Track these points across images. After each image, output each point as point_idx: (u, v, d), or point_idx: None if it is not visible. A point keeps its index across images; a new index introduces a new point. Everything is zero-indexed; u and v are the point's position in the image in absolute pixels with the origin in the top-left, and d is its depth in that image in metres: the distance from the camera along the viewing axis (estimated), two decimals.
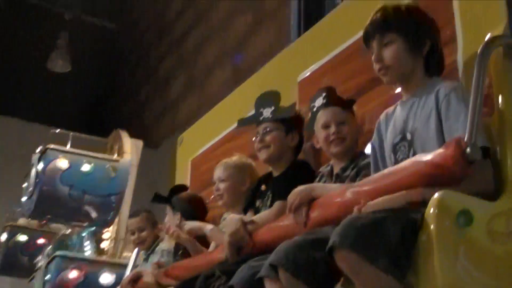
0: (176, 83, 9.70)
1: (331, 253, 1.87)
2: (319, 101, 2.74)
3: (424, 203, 1.85)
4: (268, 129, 2.96)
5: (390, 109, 2.37)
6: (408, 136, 2.19)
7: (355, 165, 2.55)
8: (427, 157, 1.94)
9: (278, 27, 7.15)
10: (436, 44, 2.24)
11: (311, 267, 2.03)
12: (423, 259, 1.81)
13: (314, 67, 3.29)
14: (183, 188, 3.81)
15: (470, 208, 1.85)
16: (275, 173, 2.99)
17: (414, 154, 2.13)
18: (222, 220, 3.32)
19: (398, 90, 2.42)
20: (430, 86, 2.18)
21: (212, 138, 4.10)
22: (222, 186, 3.26)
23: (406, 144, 2.19)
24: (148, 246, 4.13)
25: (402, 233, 1.82)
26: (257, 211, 2.95)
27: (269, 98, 3.04)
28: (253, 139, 3.04)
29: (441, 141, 2.04)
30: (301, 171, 2.85)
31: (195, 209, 3.62)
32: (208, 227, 3.17)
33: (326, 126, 2.65)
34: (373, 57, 2.29)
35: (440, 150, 1.92)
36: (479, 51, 2.02)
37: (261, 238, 2.64)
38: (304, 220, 2.33)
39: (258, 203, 2.98)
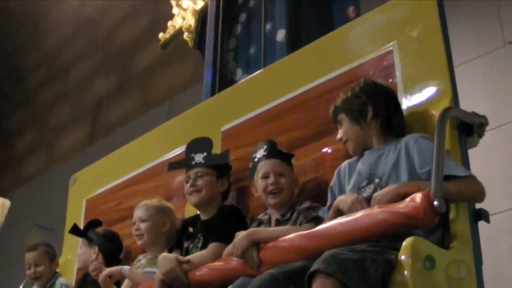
0: (24, 137, 9.46)
1: (310, 280, 2.00)
2: (260, 153, 2.91)
3: None
4: (199, 174, 3.06)
5: (351, 160, 2.59)
6: (376, 180, 2.41)
7: (293, 211, 2.72)
8: (394, 207, 2.16)
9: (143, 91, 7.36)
10: (380, 105, 2.51)
11: None
12: None
13: (238, 120, 3.44)
14: (98, 222, 3.73)
15: (433, 254, 2.10)
16: (204, 217, 3.08)
17: None
18: (136, 261, 3.31)
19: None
20: (395, 141, 2.45)
21: (111, 181, 4.08)
22: (143, 226, 3.28)
23: (372, 187, 2.41)
24: (45, 281, 3.95)
25: (382, 271, 2.01)
26: (186, 252, 2.99)
27: (201, 144, 3.15)
28: (184, 183, 3.12)
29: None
30: (233, 215, 2.98)
31: (112, 244, 3.61)
32: (125, 267, 3.16)
33: (265, 177, 2.82)
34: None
35: (409, 202, 2.15)
36: (436, 121, 2.31)
37: (199, 278, 2.70)
38: (257, 263, 2.44)
39: (186, 244, 3.04)
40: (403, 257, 2.04)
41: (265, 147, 2.90)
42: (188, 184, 3.08)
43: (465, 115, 2.48)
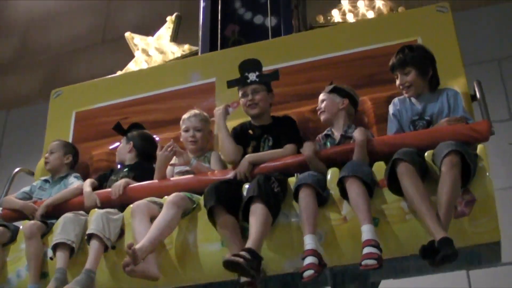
0: None
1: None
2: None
3: None
4: (256, 90, 3.81)
5: (401, 98, 3.64)
6: (427, 118, 3.50)
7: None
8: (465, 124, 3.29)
9: None
10: (435, 68, 3.65)
11: None
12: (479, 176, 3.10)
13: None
14: (139, 125, 4.23)
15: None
16: (260, 123, 3.84)
17: None
18: (192, 161, 3.82)
19: None
20: (437, 92, 3.59)
21: (116, 98, 4.59)
22: (198, 134, 3.95)
23: (424, 123, 3.49)
24: (55, 171, 4.26)
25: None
26: (255, 149, 3.73)
27: (253, 64, 3.85)
28: (241, 96, 3.84)
29: None
30: (295, 124, 3.84)
31: (147, 143, 4.17)
32: (193, 159, 3.78)
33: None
34: (398, 81, 3.61)
35: (474, 124, 3.29)
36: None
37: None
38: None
39: (253, 143, 3.76)
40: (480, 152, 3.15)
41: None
42: (246, 99, 3.82)
43: None
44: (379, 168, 3.30)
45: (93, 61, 8.55)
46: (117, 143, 4.29)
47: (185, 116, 4.02)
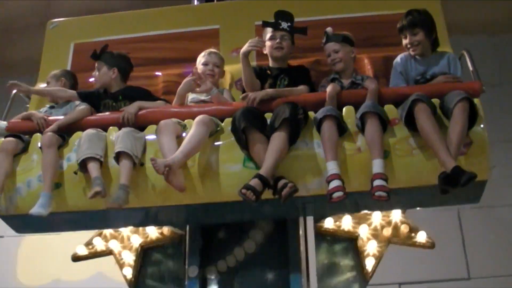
0: None
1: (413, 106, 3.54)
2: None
3: None
4: (285, 37, 4.20)
5: (403, 56, 4.10)
6: (428, 77, 3.98)
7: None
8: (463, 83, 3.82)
9: None
10: (436, 33, 4.16)
11: None
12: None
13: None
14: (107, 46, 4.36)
15: None
16: (279, 66, 4.20)
17: None
18: (214, 90, 4.07)
19: None
20: (439, 53, 4.09)
21: (119, 34, 4.76)
22: (216, 70, 4.25)
23: (424, 81, 3.97)
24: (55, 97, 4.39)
25: None
26: (271, 86, 4.08)
27: (287, 15, 4.19)
28: (271, 36, 4.19)
29: None
30: (308, 71, 4.27)
31: (128, 64, 4.38)
32: (214, 89, 4.07)
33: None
34: (407, 40, 4.06)
35: (469, 83, 3.82)
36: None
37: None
38: None
39: (270, 80, 4.10)
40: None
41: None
42: (274, 41, 4.17)
43: None
44: (389, 110, 3.75)
45: (32, 43, 8.43)
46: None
47: (205, 52, 4.29)
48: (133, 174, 3.73)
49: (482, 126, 3.67)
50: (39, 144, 3.92)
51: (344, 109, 3.81)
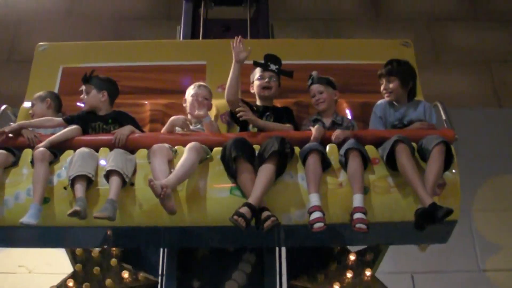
0: None
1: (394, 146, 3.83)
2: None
3: None
4: (273, 78, 4.47)
5: (385, 101, 4.40)
6: (405, 122, 4.29)
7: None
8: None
9: None
10: (415, 82, 4.49)
11: None
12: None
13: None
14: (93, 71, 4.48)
15: None
16: (264, 104, 4.47)
17: None
18: (207, 118, 4.30)
19: None
20: (415, 102, 4.42)
21: (109, 61, 4.93)
22: (206, 102, 4.45)
23: (401, 126, 4.28)
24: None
25: None
26: None
27: (276, 59, 4.48)
28: (260, 76, 4.47)
29: None
30: (291, 112, 4.52)
31: (115, 89, 4.52)
32: (208, 117, 4.30)
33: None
34: (383, 86, 4.41)
35: (444, 130, 4.14)
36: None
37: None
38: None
39: (256, 115, 4.32)
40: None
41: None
42: (263, 81, 4.45)
43: None
44: (369, 150, 4.02)
45: None
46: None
47: (194, 84, 4.51)
48: (122, 193, 3.85)
49: (454, 171, 3.98)
50: (30, 159, 4.00)
51: (327, 146, 4.05)
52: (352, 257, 4.80)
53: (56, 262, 5.87)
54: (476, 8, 9.68)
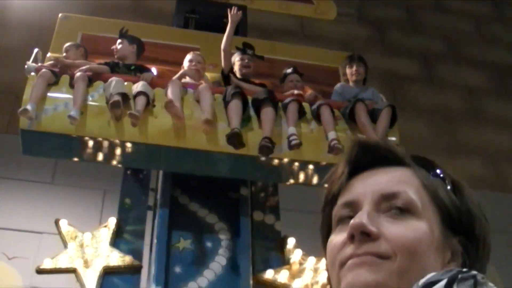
0: None
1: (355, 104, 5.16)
2: None
3: None
4: (250, 60, 5.67)
5: (343, 83, 5.76)
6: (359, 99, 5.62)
7: None
8: None
9: None
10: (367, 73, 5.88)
11: None
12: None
13: None
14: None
15: None
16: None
17: None
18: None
19: None
20: (366, 87, 5.79)
21: (111, 34, 5.93)
22: (199, 65, 5.58)
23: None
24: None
25: None
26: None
27: (250, 45, 5.74)
28: (240, 58, 5.64)
29: None
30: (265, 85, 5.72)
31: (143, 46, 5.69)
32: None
33: None
34: (354, 67, 5.80)
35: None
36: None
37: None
38: None
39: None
40: None
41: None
42: (243, 61, 5.61)
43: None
44: None
45: None
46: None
47: (192, 53, 5.69)
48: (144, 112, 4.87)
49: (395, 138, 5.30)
50: (68, 82, 4.95)
51: (303, 103, 5.29)
52: None
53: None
54: None
